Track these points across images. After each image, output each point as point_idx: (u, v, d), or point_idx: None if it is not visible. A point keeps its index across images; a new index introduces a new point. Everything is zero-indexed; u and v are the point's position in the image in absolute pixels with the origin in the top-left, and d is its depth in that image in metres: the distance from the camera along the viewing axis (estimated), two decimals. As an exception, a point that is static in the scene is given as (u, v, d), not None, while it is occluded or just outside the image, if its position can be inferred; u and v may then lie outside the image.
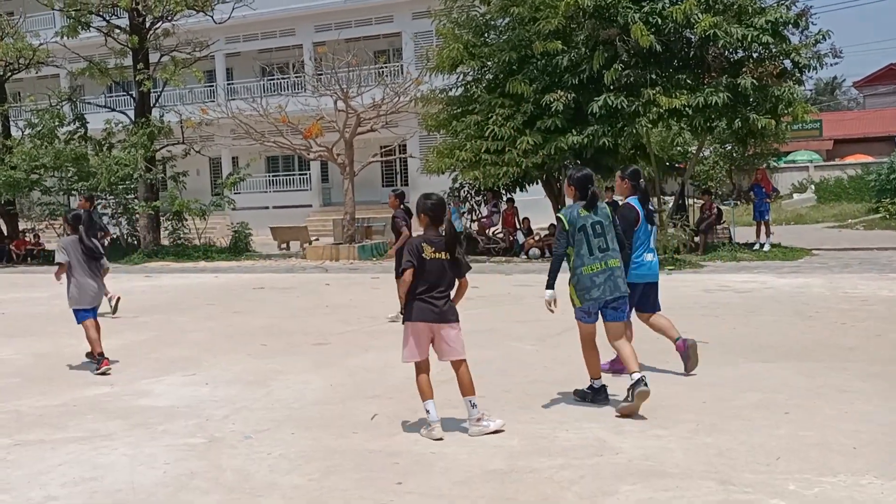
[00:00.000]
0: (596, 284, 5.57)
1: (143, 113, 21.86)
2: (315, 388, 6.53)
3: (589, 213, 5.62)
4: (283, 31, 32.91)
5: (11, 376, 7.42)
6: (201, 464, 4.76)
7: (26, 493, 4.38)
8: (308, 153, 21.42)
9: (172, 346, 8.68)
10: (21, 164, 21.66)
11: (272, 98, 24.09)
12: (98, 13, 21.53)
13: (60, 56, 23.61)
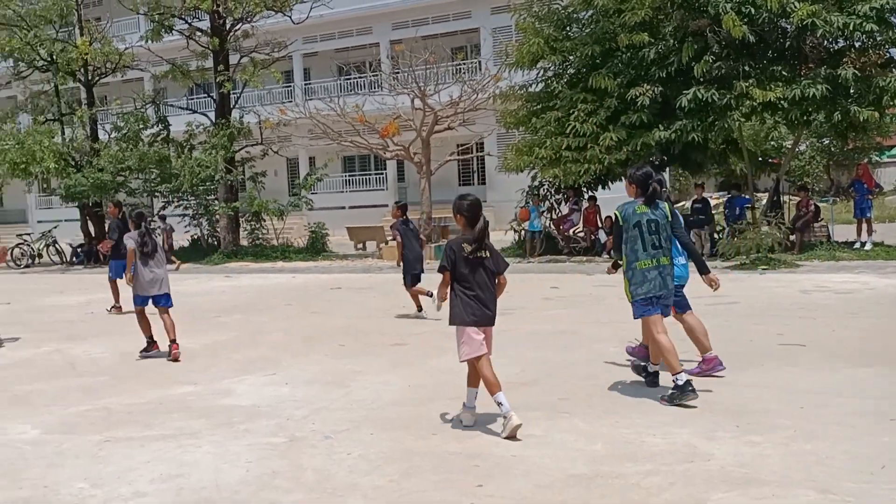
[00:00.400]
0: (647, 279, 5.86)
1: (224, 114, 22.55)
2: (393, 389, 6.61)
3: (647, 210, 5.86)
4: (359, 30, 33.40)
5: (101, 374, 7.78)
6: (283, 463, 4.89)
7: (116, 489, 4.58)
8: (385, 152, 21.69)
9: (252, 347, 8.92)
10: (108, 167, 22.68)
11: (349, 97, 24.51)
12: (180, 16, 22.34)
13: (144, 59, 24.61)
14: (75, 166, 23.83)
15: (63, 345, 9.59)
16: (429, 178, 20.41)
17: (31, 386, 7.36)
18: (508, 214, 21.60)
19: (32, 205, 40.27)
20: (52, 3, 24.31)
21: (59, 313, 12.73)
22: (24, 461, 5.15)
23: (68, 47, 23.56)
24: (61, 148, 23.95)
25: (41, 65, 24.66)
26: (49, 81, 25.41)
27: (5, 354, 9.09)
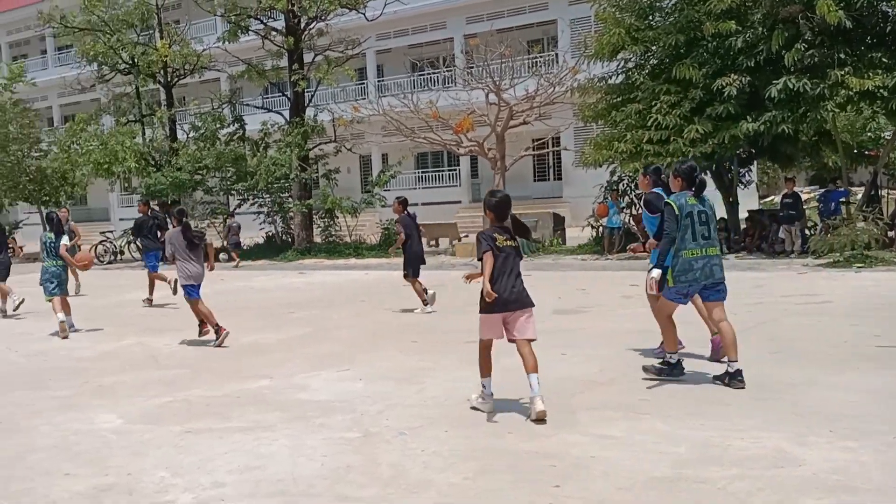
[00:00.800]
0: (693, 268, 6.17)
1: (298, 113, 23.02)
2: (467, 387, 6.59)
3: (696, 202, 6.24)
4: (433, 25, 33.58)
5: (181, 367, 8.06)
6: (357, 458, 4.97)
7: (197, 479, 4.74)
8: (458, 148, 21.74)
9: (326, 342, 9.10)
10: (186, 166, 23.47)
11: (422, 93, 24.64)
12: (256, 17, 22.90)
13: (221, 60, 25.34)
14: (155, 165, 24.73)
15: (144, 338, 9.99)
16: (503, 173, 20.38)
17: (115, 377, 7.68)
18: (585, 210, 21.39)
19: (115, 203, 41.93)
20: (134, 8, 25.30)
21: (140, 308, 13.22)
22: (108, 449, 5.39)
23: (149, 50, 24.48)
24: (142, 148, 24.91)
25: (123, 68, 25.69)
26: (130, 84, 26.45)
27: (90, 347, 9.50)
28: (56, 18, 25.41)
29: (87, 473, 4.92)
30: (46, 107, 43.67)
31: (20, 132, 28.99)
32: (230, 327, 9.51)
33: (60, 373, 8.08)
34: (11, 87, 31.05)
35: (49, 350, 9.47)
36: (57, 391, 7.23)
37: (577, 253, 19.02)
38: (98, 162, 24.35)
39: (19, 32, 45.90)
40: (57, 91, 40.64)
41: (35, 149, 29.73)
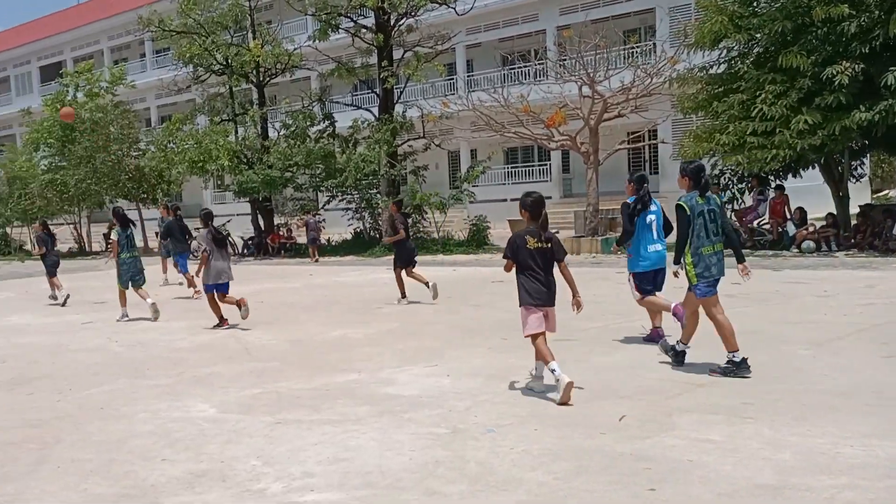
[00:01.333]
0: (713, 263, 6.67)
1: (387, 109, 23.29)
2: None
3: (704, 201, 6.69)
4: (525, 18, 33.40)
5: (271, 360, 8.28)
6: (446, 453, 4.99)
7: (287, 468, 4.86)
8: (550, 143, 21.57)
9: (415, 337, 9.18)
10: (276, 163, 24.07)
11: (513, 87, 24.57)
12: (346, 15, 23.29)
13: (312, 59, 25.90)
14: (247, 163, 25.45)
15: (237, 331, 10.31)
16: (596, 168, 20.11)
17: (209, 368, 7.96)
18: (683, 206, 20.87)
19: (208, 200, 43.39)
20: (228, 10, 26.11)
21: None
22: (203, 437, 5.58)
23: (242, 51, 25.20)
24: (234, 146, 25.68)
25: (217, 69, 26.56)
26: (224, 84, 27.32)
27: (187, 339, 9.87)
28: (154, 22, 26.46)
29: (183, 459, 5.12)
30: (145, 108, 45.57)
31: (120, 133, 30.39)
32: (319, 322, 9.80)
33: (159, 363, 8.42)
34: (113, 90, 32.60)
35: (148, 341, 9.88)
36: (155, 380, 7.55)
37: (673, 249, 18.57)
38: (193, 160, 25.26)
39: (120, 37, 48.03)
40: (154, 92, 42.42)
41: (134, 148, 31.12)
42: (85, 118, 30.23)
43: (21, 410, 6.63)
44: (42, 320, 12.50)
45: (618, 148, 21.78)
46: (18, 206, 32.48)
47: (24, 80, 55.52)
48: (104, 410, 6.48)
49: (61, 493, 4.62)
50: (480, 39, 34.33)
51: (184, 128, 27.61)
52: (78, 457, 5.28)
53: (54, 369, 8.38)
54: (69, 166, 30.24)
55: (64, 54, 51.94)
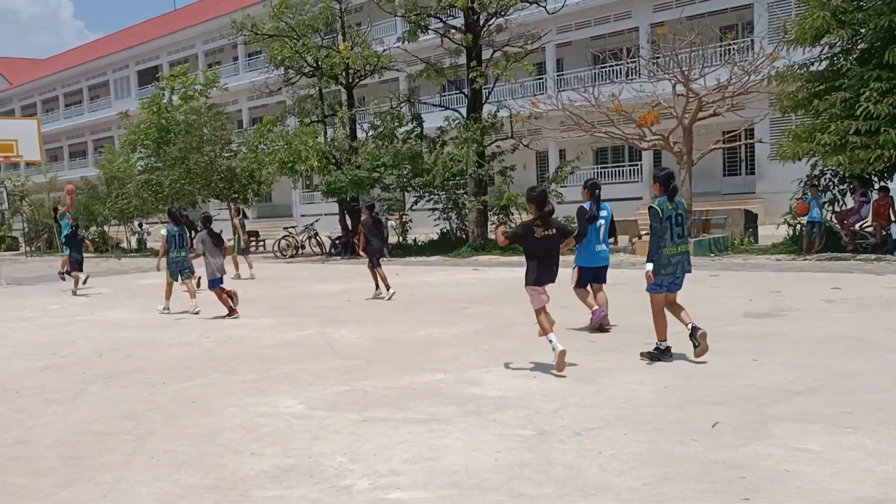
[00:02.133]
0: (671, 263, 7.40)
1: (475, 110, 23.36)
2: (648, 389, 6.48)
3: (673, 205, 7.39)
4: (617, 15, 33.03)
5: (358, 358, 8.42)
6: (532, 456, 4.98)
7: (373, 466, 4.94)
8: (641, 142, 21.24)
9: (501, 338, 9.22)
10: (364, 164, 24.44)
11: (604, 86, 24.30)
12: (436, 15, 23.48)
13: (400, 60, 26.24)
14: (335, 164, 25.93)
15: (324, 329, 10.52)
16: (689, 168, 19.69)
17: (297, 365, 8.16)
18: (781, 207, 20.27)
19: (297, 200, 44.47)
20: (319, 13, 26.67)
21: (321, 300, 13.96)
22: (291, 432, 5.73)
23: (332, 53, 25.70)
24: (324, 147, 26.19)
25: (308, 71, 27.17)
26: (314, 86, 27.94)
27: (274, 336, 10.13)
28: (247, 26, 27.24)
29: (271, 454, 5.26)
30: (237, 110, 47.00)
31: (213, 134, 31.39)
32: (405, 321, 9.99)
33: (247, 359, 8.68)
34: (206, 93, 33.75)
35: (237, 337, 10.19)
36: (245, 375, 7.78)
37: (770, 253, 18.07)
38: (283, 161, 25.85)
39: (214, 41, 49.70)
40: (246, 95, 43.71)
41: (226, 149, 32.09)
42: (179, 120, 31.38)
43: (117, 402, 6.91)
44: (137, 316, 13.03)
45: (712, 148, 21.28)
46: (116, 206, 34.01)
47: (123, 84, 58.01)
48: (196, 404, 6.72)
49: (155, 484, 4.81)
50: (571, 38, 34.11)
51: (274, 129, 28.31)
52: (171, 448, 5.49)
53: (148, 363, 8.71)
54: (164, 167, 31.43)
55: (160, 58, 54.04)
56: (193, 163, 30.17)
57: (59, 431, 6.06)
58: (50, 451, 5.55)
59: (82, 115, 62.02)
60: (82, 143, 63.01)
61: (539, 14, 23.61)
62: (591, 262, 9.56)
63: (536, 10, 23.50)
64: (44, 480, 4.96)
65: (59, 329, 11.82)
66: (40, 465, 5.25)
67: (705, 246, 18.75)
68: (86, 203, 35.88)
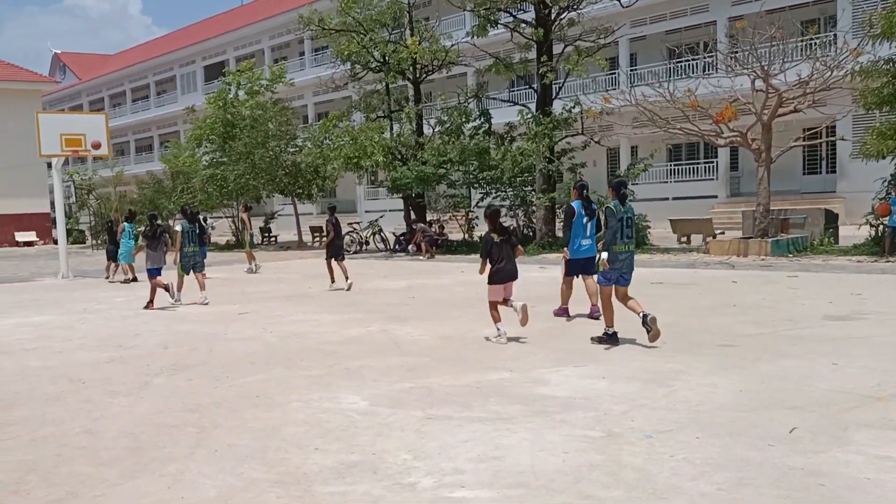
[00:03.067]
0: (620, 260, 8.45)
1: (545, 105, 23.26)
2: (722, 393, 6.39)
3: (625, 209, 8.50)
4: (694, 9, 32.54)
5: (422, 355, 8.49)
6: (601, 458, 4.96)
7: (437, 464, 4.98)
8: (718, 139, 20.88)
9: (568, 338, 9.19)
10: (430, 160, 24.57)
11: (680, 82, 23.97)
12: (506, 9, 23.46)
13: (469, 55, 26.31)
14: (401, 160, 26.14)
15: (388, 325, 10.63)
16: (768, 166, 19.28)
17: (360, 361, 8.25)
18: (863, 206, 19.74)
19: (361, 196, 44.96)
20: (387, 8, 26.92)
21: (384, 296, 14.10)
22: (355, 429, 5.81)
23: (399, 48, 25.91)
24: (389, 143, 26.43)
25: (374, 66, 27.48)
26: (381, 81, 28.22)
27: (338, 332, 10.27)
28: (314, 21, 27.66)
29: (334, 449, 5.34)
30: (302, 105, 47.75)
31: (278, 129, 31.97)
32: (470, 319, 10.22)
33: (311, 354, 8.82)
34: (272, 88, 34.35)
35: (300, 333, 10.36)
36: (308, 371, 7.91)
37: (851, 254, 17.60)
38: (348, 156, 26.19)
39: (280, 37, 50.58)
40: (312, 90, 44.36)
41: (291, 144, 32.65)
42: (245, 115, 32.00)
43: (181, 395, 7.09)
44: (200, 309, 13.33)
45: (792, 145, 20.81)
46: (181, 200, 34.84)
47: (189, 79, 59.47)
48: (259, 398, 6.84)
49: (218, 476, 4.91)
50: (645, 32, 33.75)
51: (340, 124, 28.69)
52: (234, 442, 5.61)
53: (211, 357, 8.91)
54: (229, 162, 32.09)
55: (227, 54, 55.24)
56: (258, 158, 30.76)
57: (125, 422, 6.24)
58: (115, 442, 5.73)
59: (149, 109, 63.82)
60: (148, 137, 64.84)
61: (612, 8, 23.46)
62: (576, 254, 10.46)
63: (610, 4, 23.35)
64: (109, 470, 5.12)
65: (124, 321, 12.18)
66: (106, 455, 5.42)
67: (783, 246, 18.36)
68: (151, 197, 36.88)
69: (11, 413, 6.67)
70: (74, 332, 11.23)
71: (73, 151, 22.06)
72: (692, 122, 20.85)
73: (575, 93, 27.15)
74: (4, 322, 12.61)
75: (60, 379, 7.98)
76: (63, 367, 8.59)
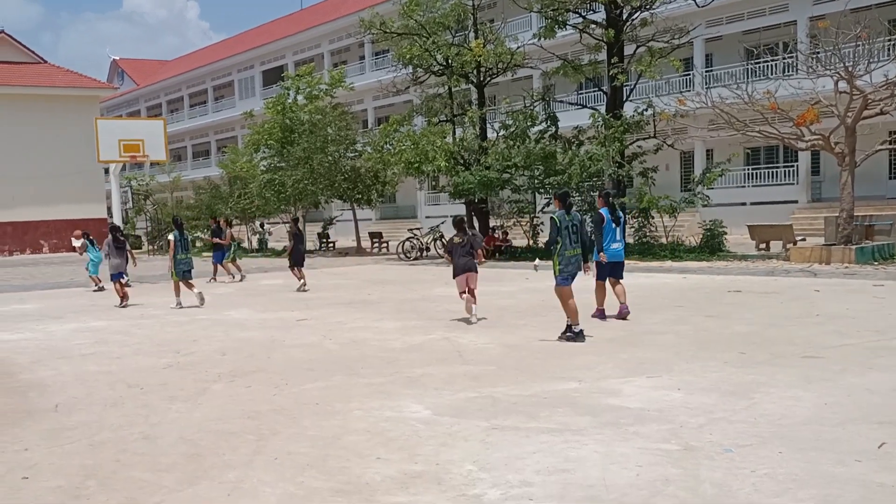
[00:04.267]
0: (571, 262, 9.91)
1: (615, 108, 23.05)
2: (805, 406, 6.26)
3: (569, 217, 9.86)
4: (773, 8, 32.00)
5: (487, 364, 8.48)
6: (677, 472, 4.87)
7: (504, 475, 4.95)
8: (798, 142, 20.48)
9: (640, 347, 9.08)
10: (494, 164, 24.55)
11: (758, 83, 23.54)
12: (575, 10, 23.35)
13: (535, 57, 26.23)
14: (464, 164, 26.18)
15: (451, 333, 10.65)
16: (852, 170, 18.84)
17: (422, 370, 8.28)
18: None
19: (421, 201, 45.18)
20: (451, 10, 27.03)
21: (446, 303, 14.09)
22: (417, 438, 5.81)
23: (463, 51, 25.99)
24: (452, 147, 26.50)
25: (437, 69, 27.60)
26: (443, 85, 28.32)
27: (399, 339, 10.32)
28: (376, 25, 27.93)
29: (397, 459, 5.35)
30: (362, 109, 48.23)
31: (338, 134, 32.35)
32: (536, 327, 10.32)
33: (372, 361, 8.87)
34: (332, 92, 34.79)
35: (360, 340, 10.44)
36: (369, 378, 7.96)
37: None
38: (409, 161, 26.35)
39: (340, 40, 51.22)
40: (372, 94, 44.82)
41: (350, 149, 33.00)
42: (304, 120, 32.47)
43: (240, 402, 7.19)
44: (259, 316, 13.54)
45: (878, 149, 20.30)
46: (238, 206, 35.51)
47: (248, 84, 60.60)
48: (319, 406, 6.90)
49: (278, 485, 4.96)
50: (722, 32, 33.30)
51: (401, 129, 28.90)
52: (294, 450, 5.66)
53: (270, 364, 9.03)
54: (287, 167, 32.58)
55: (286, 58, 56.13)
56: (317, 163, 31.15)
57: (183, 428, 6.36)
58: (174, 448, 5.83)
59: (206, 115, 65.20)
60: (206, 142, 66.25)
61: (687, 7, 23.19)
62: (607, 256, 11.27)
63: (685, 4, 23.10)
64: (168, 476, 5.21)
65: (181, 327, 12.43)
66: (165, 461, 5.53)
67: (868, 253, 17.91)
68: (208, 202, 37.66)
69: (70, 418, 6.85)
70: (131, 338, 11.50)
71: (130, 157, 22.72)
72: (771, 124, 20.49)
73: (647, 95, 26.85)
74: (63, 327, 12.99)
75: (118, 384, 8.18)
76: (121, 373, 8.81)
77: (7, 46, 45.01)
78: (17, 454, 5.86)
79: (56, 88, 43.58)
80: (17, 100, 41.86)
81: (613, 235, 11.33)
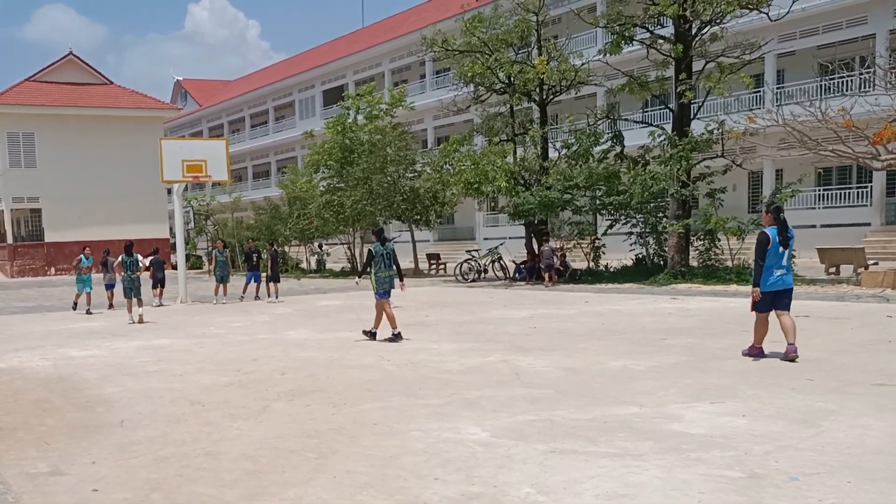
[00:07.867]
0: (385, 282, 12.74)
1: (682, 126, 22.87)
2: (876, 435, 6.18)
3: (383, 248, 12.76)
4: (850, 21, 31.43)
5: (545, 387, 8.52)
6: (741, 500, 4.88)
7: (562, 499, 5.01)
8: (874, 162, 20.05)
9: (704, 373, 9.02)
10: (555, 184, 24.53)
11: (833, 100, 23.17)
12: (642, 25, 23.26)
13: (599, 74, 26.16)
14: (524, 185, 26.21)
15: (509, 356, 10.71)
16: (933, 193, 18.37)
17: (480, 392, 8.37)
18: None
19: (480, 222, 45.28)
20: (514, 27, 27.16)
21: (505, 326, 14.20)
22: (475, 460, 5.91)
23: (525, 68, 26.08)
24: (512, 167, 26.57)
25: (499, 87, 27.71)
26: (505, 103, 28.41)
27: (457, 361, 10.43)
28: (438, 42, 28.17)
29: (455, 480, 5.45)
30: (422, 129, 48.66)
31: (397, 154, 32.69)
32: (596, 350, 10.30)
33: (429, 383, 9.00)
34: (392, 112, 35.17)
35: (418, 361, 10.58)
36: (427, 399, 8.09)
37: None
38: (468, 181, 26.49)
39: (401, 59, 51.82)
40: (432, 114, 45.19)
41: (409, 169, 33.29)
42: (364, 140, 32.88)
43: (300, 421, 7.38)
44: (318, 336, 13.82)
45: (961, 169, 19.75)
46: (297, 226, 36.06)
47: (308, 104, 61.60)
48: (377, 426, 7.05)
49: (338, 503, 5.11)
50: (795, 47, 32.82)
51: (461, 148, 29.07)
52: (353, 469, 5.80)
53: (329, 383, 9.23)
54: (346, 187, 32.98)
55: (346, 77, 56.97)
56: (376, 183, 31.49)
57: (245, 445, 6.57)
58: (236, 464, 6.04)
59: (267, 135, 66.43)
60: (266, 163, 67.45)
61: (759, 21, 22.91)
62: (769, 287, 9.78)
63: (756, 17, 22.82)
64: (230, 492, 5.41)
65: (242, 347, 12.78)
66: (227, 477, 5.73)
67: None
68: (268, 223, 38.34)
69: (136, 433, 7.14)
70: (194, 356, 11.87)
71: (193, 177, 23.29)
72: (846, 143, 20.11)
73: (715, 112, 26.62)
74: (128, 345, 13.46)
75: (181, 401, 8.47)
76: (184, 390, 9.12)
77: (75, 68, 46.58)
78: (86, 467, 6.14)
79: (122, 109, 45.03)
80: (84, 121, 43.36)
81: (779, 260, 9.73)
